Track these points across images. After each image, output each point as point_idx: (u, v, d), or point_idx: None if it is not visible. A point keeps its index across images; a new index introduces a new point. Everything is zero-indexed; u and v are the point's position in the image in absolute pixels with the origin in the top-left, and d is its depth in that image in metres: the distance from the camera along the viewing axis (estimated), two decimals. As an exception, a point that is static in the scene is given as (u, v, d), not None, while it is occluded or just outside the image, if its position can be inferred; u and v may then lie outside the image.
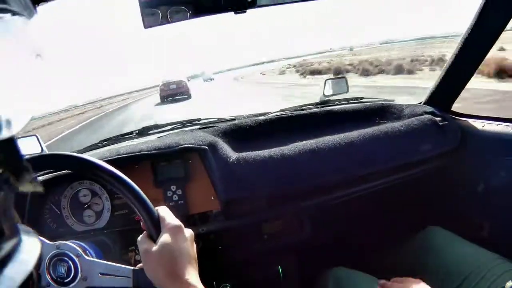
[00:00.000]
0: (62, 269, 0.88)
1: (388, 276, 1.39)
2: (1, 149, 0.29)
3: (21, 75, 0.29)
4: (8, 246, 0.29)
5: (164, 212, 0.88)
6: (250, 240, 1.63)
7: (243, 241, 1.62)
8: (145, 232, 0.86)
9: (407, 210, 1.95)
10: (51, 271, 0.87)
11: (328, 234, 1.91)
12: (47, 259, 0.88)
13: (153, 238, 0.84)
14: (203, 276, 0.85)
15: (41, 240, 0.91)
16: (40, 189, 0.33)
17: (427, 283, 1.43)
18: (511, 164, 1.51)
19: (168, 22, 1.07)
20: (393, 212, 1.96)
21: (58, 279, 0.87)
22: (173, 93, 24.74)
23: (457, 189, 1.80)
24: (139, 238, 0.86)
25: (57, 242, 0.91)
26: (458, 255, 1.38)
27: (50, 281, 0.86)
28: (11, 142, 0.30)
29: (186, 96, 24.53)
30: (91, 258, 0.91)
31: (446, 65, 1.67)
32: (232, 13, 1.12)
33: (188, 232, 0.87)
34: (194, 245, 0.88)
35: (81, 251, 0.91)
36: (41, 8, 0.96)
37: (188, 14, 1.08)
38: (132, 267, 0.89)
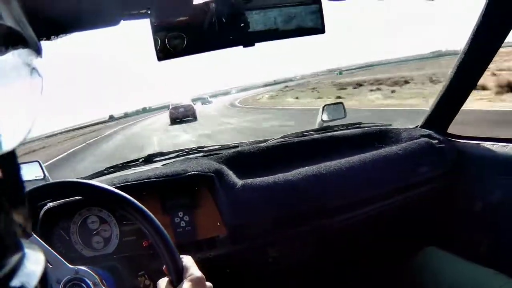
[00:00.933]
0: None
1: None
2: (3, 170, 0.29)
3: (19, 96, 0.30)
4: (12, 261, 0.29)
5: (188, 262, 0.90)
6: (256, 263, 1.65)
7: (249, 264, 1.65)
8: (167, 277, 0.88)
9: (406, 231, 1.98)
10: None
11: (330, 256, 1.94)
12: (63, 281, 0.90)
13: (173, 285, 0.86)
14: None
15: (61, 262, 0.93)
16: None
17: None
18: (507, 183, 1.55)
19: (182, 55, 1.11)
20: (393, 234, 1.99)
21: None
22: (182, 116, 27.92)
23: (455, 209, 1.84)
24: (159, 281, 0.89)
25: (77, 267, 0.93)
26: (455, 274, 1.42)
27: None
28: (14, 169, 0.31)
29: (193, 118, 27.34)
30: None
31: (442, 89, 1.73)
32: (241, 46, 1.17)
33: (209, 286, 0.89)
34: None
35: (98, 280, 0.93)
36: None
37: (200, 47, 1.12)
38: None
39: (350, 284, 1.53)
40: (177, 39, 1.10)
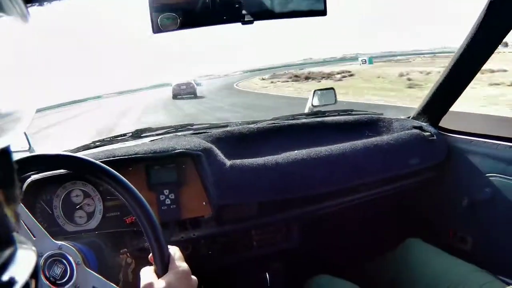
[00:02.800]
0: (58, 270, 0.88)
1: (369, 285, 1.42)
2: None
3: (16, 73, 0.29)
4: (3, 255, 0.29)
5: (175, 253, 0.89)
6: (239, 246, 1.64)
7: (232, 247, 1.64)
8: (151, 266, 0.87)
9: (392, 221, 1.99)
10: (45, 269, 0.87)
11: (315, 242, 1.94)
12: (45, 256, 0.88)
13: (158, 274, 0.84)
14: None
15: (45, 236, 0.90)
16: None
17: None
18: (494, 181, 1.56)
19: (178, 29, 1.08)
20: (378, 223, 1.99)
21: (51, 278, 0.86)
22: (184, 93, 31.63)
23: (442, 202, 1.85)
24: (144, 269, 0.87)
25: (60, 243, 0.90)
26: (437, 267, 1.41)
27: (42, 277, 0.86)
28: (5, 153, 0.30)
29: (193, 95, 30.97)
30: (89, 270, 0.90)
31: (437, 82, 1.71)
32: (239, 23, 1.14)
33: (194, 281, 0.88)
34: None
35: (81, 259, 0.90)
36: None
37: (196, 22, 1.10)
38: None
39: (332, 272, 1.52)
40: (173, 13, 1.07)
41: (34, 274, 0.31)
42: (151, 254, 0.86)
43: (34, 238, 0.89)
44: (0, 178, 0.29)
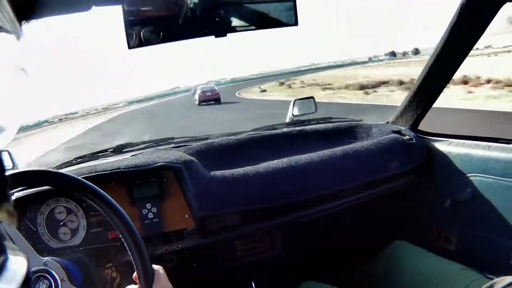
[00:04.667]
0: (43, 286, 0.88)
1: None
2: None
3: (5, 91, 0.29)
4: None
5: (159, 272, 0.90)
6: (223, 257, 1.65)
7: (217, 258, 1.64)
8: (135, 285, 0.88)
9: (376, 225, 2.01)
10: (31, 285, 0.87)
11: (300, 250, 1.95)
12: (31, 271, 0.88)
13: None
14: None
15: (31, 251, 0.91)
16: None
17: None
18: (474, 181, 1.58)
19: (152, 44, 1.09)
20: (363, 228, 2.01)
21: None
22: (208, 99, 32.05)
23: (425, 204, 1.87)
24: (128, 287, 0.88)
25: (45, 259, 0.91)
26: (425, 268, 1.42)
27: None
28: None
29: (215, 102, 31.66)
30: (74, 286, 0.92)
31: (413, 86, 1.75)
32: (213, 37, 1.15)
33: None
34: None
35: (65, 275, 0.91)
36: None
37: (172, 36, 1.10)
38: None
39: (318, 278, 1.53)
40: (149, 27, 1.07)
41: (26, 282, 0.31)
42: (135, 273, 0.87)
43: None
44: None
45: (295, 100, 2.22)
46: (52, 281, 0.89)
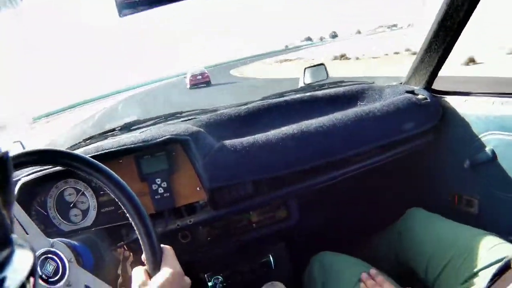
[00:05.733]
0: (50, 268, 0.87)
1: (374, 260, 1.40)
2: None
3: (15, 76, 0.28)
4: (1, 256, 0.29)
5: (168, 253, 0.88)
6: (239, 229, 1.62)
7: (232, 231, 1.62)
8: (144, 266, 0.86)
9: (393, 191, 1.96)
10: (38, 267, 0.85)
11: (315, 219, 1.92)
12: (38, 253, 0.87)
13: (150, 274, 0.84)
14: (195, 270, 0.85)
15: (39, 233, 0.89)
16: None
17: (413, 266, 1.43)
18: (493, 139, 1.52)
19: (145, 9, 1.04)
20: (379, 194, 1.97)
21: (43, 276, 0.85)
22: (199, 82, 33.24)
23: (442, 166, 1.81)
24: (136, 268, 0.86)
25: (53, 240, 0.89)
26: (442, 235, 1.38)
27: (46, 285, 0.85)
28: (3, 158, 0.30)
29: (206, 85, 32.36)
30: (81, 268, 0.90)
31: (423, 43, 1.68)
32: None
33: (186, 282, 0.87)
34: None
35: (73, 257, 0.90)
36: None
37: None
38: None
39: (334, 248, 1.51)
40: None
41: (32, 275, 0.31)
42: (144, 254, 0.85)
43: (27, 235, 0.88)
44: None
45: (305, 68, 2.18)
46: (59, 262, 0.87)
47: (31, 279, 0.31)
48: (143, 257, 0.85)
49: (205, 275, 1.62)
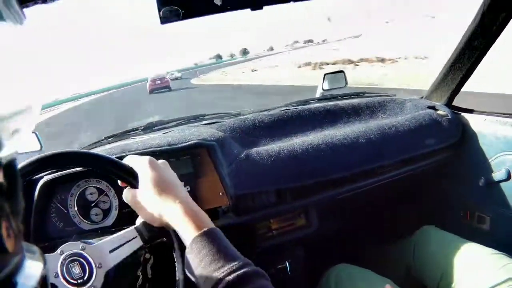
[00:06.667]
0: (77, 269, 0.87)
1: (385, 271, 1.41)
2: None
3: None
4: (11, 263, 0.29)
5: (131, 159, 0.93)
6: (259, 236, 1.63)
7: (252, 237, 1.62)
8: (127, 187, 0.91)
9: (409, 204, 1.98)
10: (66, 276, 0.86)
11: (334, 228, 1.92)
12: (66, 253, 0.87)
13: (135, 186, 0.88)
14: None
15: (44, 255, 0.90)
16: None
17: (425, 282, 1.45)
18: (510, 158, 1.53)
19: (187, 18, 1.06)
20: (396, 207, 1.98)
21: (78, 281, 0.86)
22: (159, 87, 33.36)
23: (458, 183, 1.83)
24: (123, 195, 0.90)
25: (82, 243, 0.90)
26: (455, 253, 1.39)
27: (59, 275, 0.86)
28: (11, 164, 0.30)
29: (168, 89, 32.98)
30: (94, 244, 0.91)
31: (448, 60, 1.69)
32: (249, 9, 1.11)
33: (161, 161, 0.94)
34: (171, 170, 0.95)
35: (81, 244, 0.90)
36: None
37: (205, 9, 1.08)
38: (133, 226, 0.93)
39: (352, 256, 1.52)
40: (176, 6, 1.04)
41: (43, 285, 0.31)
42: (120, 182, 0.93)
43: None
44: (6, 189, 0.29)
45: (325, 74, 2.18)
46: (87, 266, 0.88)
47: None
48: (121, 183, 0.94)
49: None
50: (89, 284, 0.86)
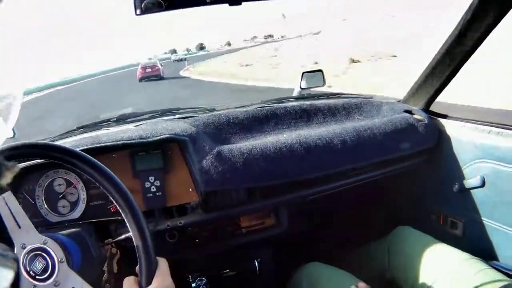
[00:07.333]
0: (39, 266, 0.84)
1: (359, 273, 1.41)
2: None
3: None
4: None
5: (163, 266, 0.86)
6: (227, 234, 1.61)
7: (220, 235, 1.60)
8: (135, 276, 0.86)
9: (382, 207, 1.98)
10: (26, 263, 0.83)
11: (305, 228, 1.92)
12: (28, 248, 0.84)
13: (141, 285, 0.83)
14: (179, 270, 0.85)
15: (31, 227, 0.87)
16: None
17: (399, 284, 1.45)
18: (486, 166, 1.54)
19: (163, 10, 1.03)
20: (369, 208, 1.98)
21: (30, 272, 0.83)
22: (149, 75, 30.72)
23: (433, 187, 1.83)
24: (127, 279, 0.85)
25: (44, 237, 0.87)
26: (429, 256, 1.40)
27: (21, 269, 0.83)
28: None
29: (159, 78, 30.35)
30: (71, 269, 0.87)
31: (428, 65, 1.68)
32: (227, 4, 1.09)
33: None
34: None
35: (65, 257, 0.87)
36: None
37: (182, 3, 1.05)
38: None
39: (323, 257, 1.51)
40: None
41: (15, 284, 0.30)
42: (138, 267, 0.84)
43: (19, 229, 0.85)
44: None
45: (303, 73, 2.17)
46: (49, 261, 0.85)
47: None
48: (137, 269, 0.84)
49: (190, 276, 1.61)
50: (51, 279, 0.84)
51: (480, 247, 1.56)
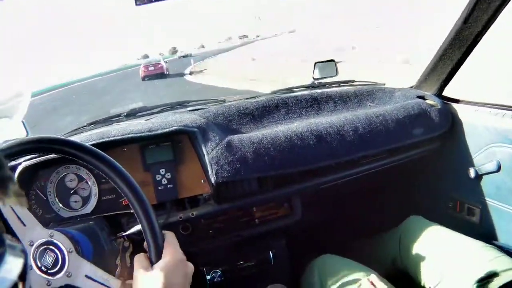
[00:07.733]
0: (49, 259, 0.85)
1: (370, 262, 1.40)
2: None
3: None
4: None
5: (170, 239, 0.85)
6: (241, 224, 1.61)
7: (234, 226, 1.60)
8: (145, 253, 0.85)
9: (396, 194, 1.96)
10: (37, 258, 0.84)
11: (318, 217, 1.91)
12: (36, 244, 0.85)
13: (152, 261, 0.82)
14: (193, 262, 0.84)
15: (36, 224, 0.88)
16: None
17: (411, 273, 1.43)
18: (501, 150, 1.51)
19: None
20: (382, 197, 1.96)
21: (42, 267, 0.84)
22: (152, 74, 29.87)
23: (447, 173, 1.81)
24: (137, 256, 0.84)
25: (51, 230, 0.87)
26: (442, 245, 1.38)
27: (33, 266, 0.84)
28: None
29: (162, 77, 29.31)
30: (81, 257, 0.88)
31: (439, 49, 1.66)
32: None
33: (190, 268, 0.84)
34: (190, 281, 0.84)
35: (73, 247, 0.88)
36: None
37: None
38: (120, 280, 0.89)
39: (336, 246, 1.50)
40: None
41: (22, 276, 0.31)
42: (145, 243, 0.83)
43: (24, 227, 0.86)
44: None
45: (316, 63, 2.15)
46: (58, 253, 0.86)
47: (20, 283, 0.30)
48: (145, 244, 0.84)
49: (204, 268, 1.61)
50: (63, 271, 0.85)
51: (497, 233, 1.53)
